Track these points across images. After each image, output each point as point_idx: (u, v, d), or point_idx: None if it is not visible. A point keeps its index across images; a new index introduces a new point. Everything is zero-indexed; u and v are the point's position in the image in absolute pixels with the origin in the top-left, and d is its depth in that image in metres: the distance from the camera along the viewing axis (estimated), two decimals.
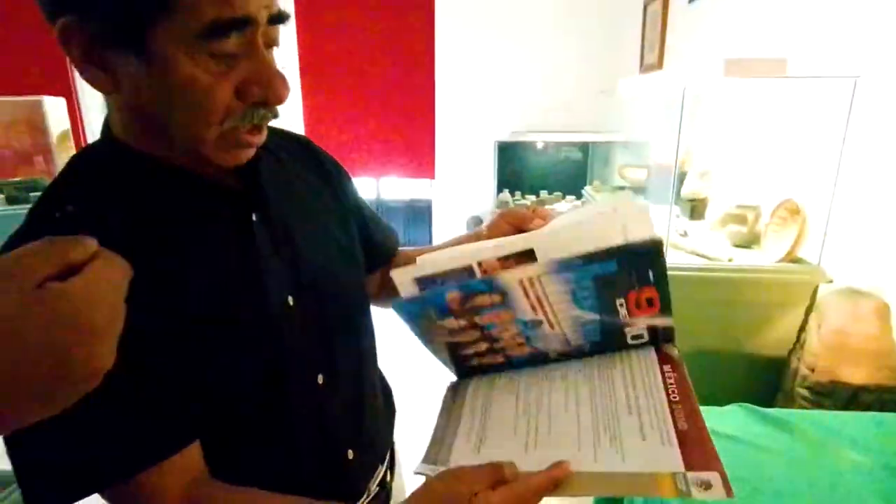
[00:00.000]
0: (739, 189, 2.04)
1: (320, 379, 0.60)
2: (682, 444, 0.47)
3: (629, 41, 3.54)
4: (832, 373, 1.37)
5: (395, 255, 0.82)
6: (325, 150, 0.74)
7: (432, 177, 4.48)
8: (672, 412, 0.50)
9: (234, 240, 0.55)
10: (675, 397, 0.52)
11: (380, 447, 0.72)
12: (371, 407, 0.70)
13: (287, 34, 4.08)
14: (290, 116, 4.24)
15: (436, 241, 4.84)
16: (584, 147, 4.05)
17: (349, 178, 0.75)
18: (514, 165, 4.20)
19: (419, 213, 4.79)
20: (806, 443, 1.05)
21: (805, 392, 1.42)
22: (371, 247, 0.75)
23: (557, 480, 0.46)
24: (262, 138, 0.53)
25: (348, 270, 0.68)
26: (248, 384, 0.54)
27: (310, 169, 0.69)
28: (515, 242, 0.56)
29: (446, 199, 4.50)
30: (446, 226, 4.52)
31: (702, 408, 0.50)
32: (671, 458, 0.46)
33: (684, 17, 2.73)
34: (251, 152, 0.54)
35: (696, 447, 0.46)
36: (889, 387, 1.35)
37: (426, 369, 0.90)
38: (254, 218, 0.57)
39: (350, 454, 0.64)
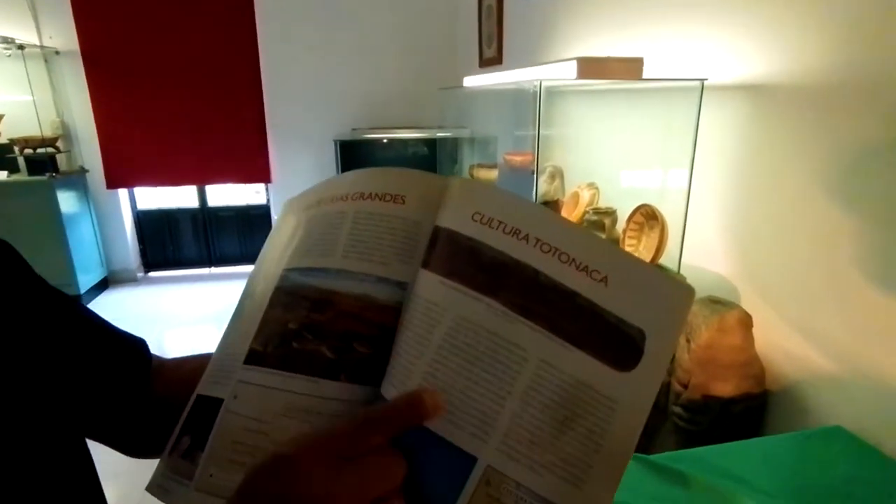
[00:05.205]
0: (595, 192, 1.98)
1: None
2: None
3: (469, 35, 3.42)
4: (704, 388, 1.32)
5: (149, 368, 0.49)
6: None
7: (268, 180, 4.01)
8: None
9: None
10: None
11: None
12: None
13: (60, 9, 3.31)
14: (77, 115, 3.46)
15: None
16: (431, 142, 3.90)
17: (25, 261, 0.42)
18: (358, 163, 3.91)
19: (255, 221, 4.27)
20: (702, 493, 0.95)
21: (679, 410, 1.36)
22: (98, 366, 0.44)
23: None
24: None
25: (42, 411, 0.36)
26: None
27: None
28: None
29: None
30: None
31: None
32: None
33: (520, 10, 2.65)
34: None
35: None
36: (754, 394, 1.34)
37: None
38: None
39: None
